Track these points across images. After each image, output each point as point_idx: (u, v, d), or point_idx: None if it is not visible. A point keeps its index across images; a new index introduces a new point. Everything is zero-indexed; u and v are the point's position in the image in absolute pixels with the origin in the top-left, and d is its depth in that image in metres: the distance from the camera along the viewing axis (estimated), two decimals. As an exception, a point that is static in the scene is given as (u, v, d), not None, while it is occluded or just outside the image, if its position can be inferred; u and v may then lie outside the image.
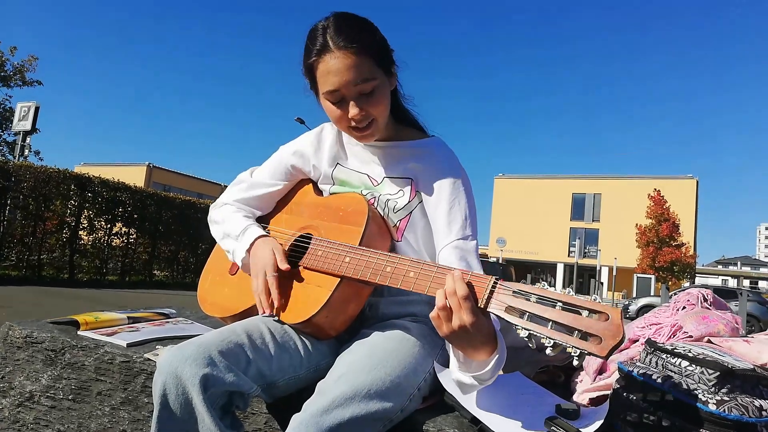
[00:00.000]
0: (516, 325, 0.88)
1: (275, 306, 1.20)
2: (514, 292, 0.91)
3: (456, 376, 1.06)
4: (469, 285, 0.96)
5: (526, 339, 0.87)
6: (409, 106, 1.38)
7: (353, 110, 1.18)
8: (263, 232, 1.34)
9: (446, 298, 0.96)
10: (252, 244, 1.30)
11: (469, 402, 1.10)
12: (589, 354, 0.81)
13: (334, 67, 1.15)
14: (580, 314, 0.84)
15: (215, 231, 1.45)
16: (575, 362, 0.83)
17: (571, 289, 0.90)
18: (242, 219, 1.39)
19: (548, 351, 0.84)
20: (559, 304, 0.86)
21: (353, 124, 1.21)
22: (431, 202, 1.27)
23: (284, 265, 1.21)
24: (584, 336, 0.82)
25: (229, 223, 1.39)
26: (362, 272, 1.12)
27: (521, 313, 0.88)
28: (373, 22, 1.24)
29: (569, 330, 0.83)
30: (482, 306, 0.94)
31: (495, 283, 0.94)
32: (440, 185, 1.27)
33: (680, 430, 0.93)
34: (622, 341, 0.80)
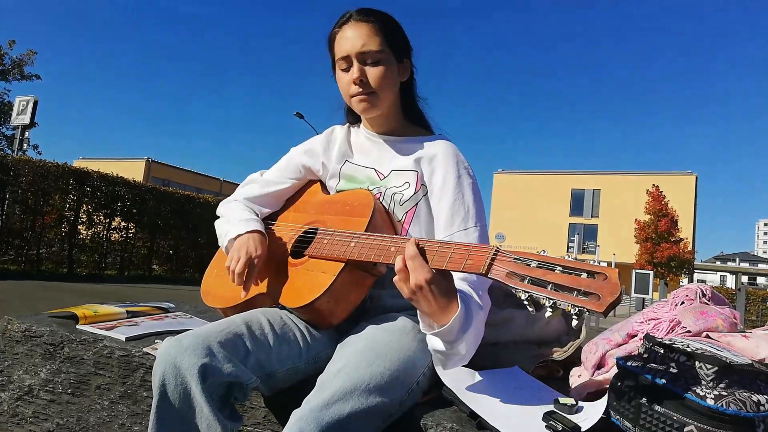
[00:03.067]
0: (516, 288, 0.89)
1: (248, 289, 1.26)
2: (515, 258, 0.93)
3: (430, 344, 1.08)
4: (421, 249, 1.01)
5: (526, 302, 0.88)
6: (422, 106, 1.45)
7: (356, 72, 1.27)
8: (263, 230, 1.37)
9: (404, 261, 1.01)
10: (248, 233, 1.33)
11: (467, 396, 1.10)
12: (588, 311, 0.82)
13: (348, 34, 1.29)
14: (579, 276, 0.86)
15: (218, 222, 1.48)
16: (574, 322, 0.84)
17: (570, 255, 0.91)
18: (248, 213, 1.44)
19: (548, 313, 0.85)
20: (559, 267, 0.88)
21: (355, 88, 1.29)
22: (435, 195, 1.30)
23: (254, 274, 1.26)
24: (583, 294, 0.83)
25: (234, 213, 1.44)
26: (366, 254, 1.14)
27: (522, 278, 0.90)
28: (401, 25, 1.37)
29: (568, 290, 0.85)
30: (484, 272, 0.95)
31: (496, 251, 0.96)
32: (444, 178, 1.30)
33: (678, 424, 0.94)
34: (619, 299, 0.82)
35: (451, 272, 1.02)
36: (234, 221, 1.38)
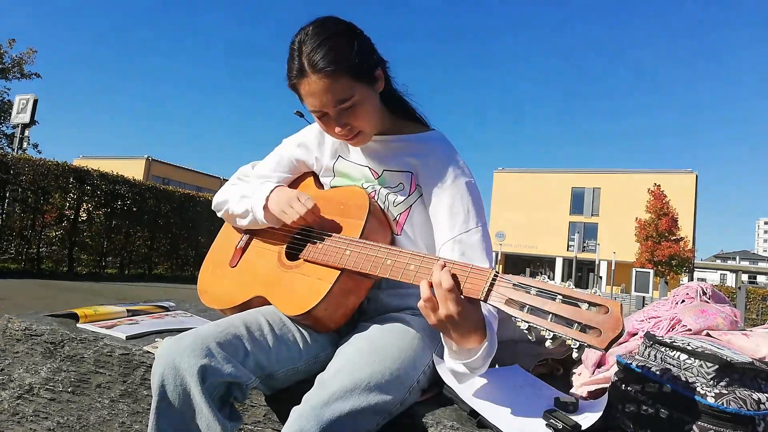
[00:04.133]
0: (516, 318, 0.89)
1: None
2: (514, 284, 0.92)
3: (449, 365, 1.07)
4: (454, 277, 0.98)
5: (526, 331, 0.87)
6: (406, 97, 1.38)
7: (337, 128, 1.22)
8: (282, 184, 1.36)
9: (430, 289, 0.98)
10: (272, 191, 1.32)
11: (467, 395, 1.10)
12: (589, 346, 0.81)
13: (312, 90, 1.17)
14: (580, 307, 0.84)
15: (227, 208, 1.44)
16: (575, 354, 0.84)
17: (570, 283, 0.90)
18: (256, 184, 1.41)
19: (548, 343, 0.85)
20: (559, 296, 0.87)
21: (339, 134, 1.24)
22: (432, 196, 1.27)
23: (313, 203, 1.25)
24: (584, 328, 0.82)
25: (243, 189, 1.41)
26: (362, 265, 1.12)
27: (521, 306, 0.89)
28: (355, 26, 1.22)
29: (569, 322, 0.84)
30: (482, 299, 0.95)
31: (495, 275, 0.95)
32: (441, 180, 1.26)
33: (679, 422, 0.94)
34: (621, 334, 0.80)
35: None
36: (249, 194, 1.36)
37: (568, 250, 38.23)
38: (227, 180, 1.54)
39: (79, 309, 1.59)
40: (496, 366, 1.30)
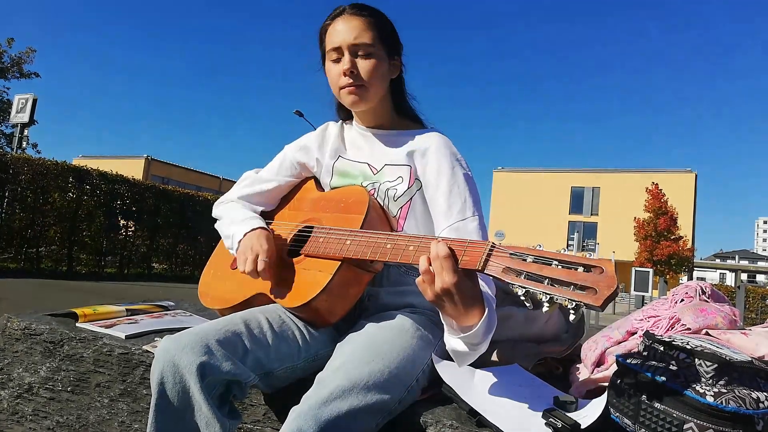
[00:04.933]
0: (513, 284, 0.89)
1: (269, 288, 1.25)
2: (511, 254, 0.93)
3: (449, 344, 1.07)
4: (450, 249, 0.98)
5: (523, 297, 0.88)
6: (413, 103, 1.44)
7: (346, 64, 1.27)
8: (265, 225, 1.36)
9: (429, 262, 0.98)
10: (253, 230, 1.32)
11: (467, 393, 1.10)
12: (586, 305, 0.82)
13: (340, 26, 1.29)
14: (576, 270, 0.85)
15: (219, 224, 1.48)
16: (572, 317, 0.84)
17: (572, 249, 0.91)
18: (247, 211, 1.43)
19: (545, 308, 0.85)
20: (555, 261, 0.88)
21: (345, 79, 1.28)
22: (430, 187, 1.29)
23: (264, 267, 1.23)
24: (580, 288, 0.83)
25: (234, 213, 1.43)
26: (363, 251, 1.13)
27: (518, 273, 0.90)
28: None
29: (565, 284, 0.85)
30: (480, 268, 0.95)
31: (492, 246, 0.96)
32: (439, 170, 1.29)
33: (678, 421, 0.94)
34: (616, 292, 0.81)
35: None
36: (237, 221, 1.37)
37: (567, 249, 38.13)
38: (227, 180, 1.58)
39: (79, 308, 1.59)
40: (495, 364, 1.30)
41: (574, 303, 0.82)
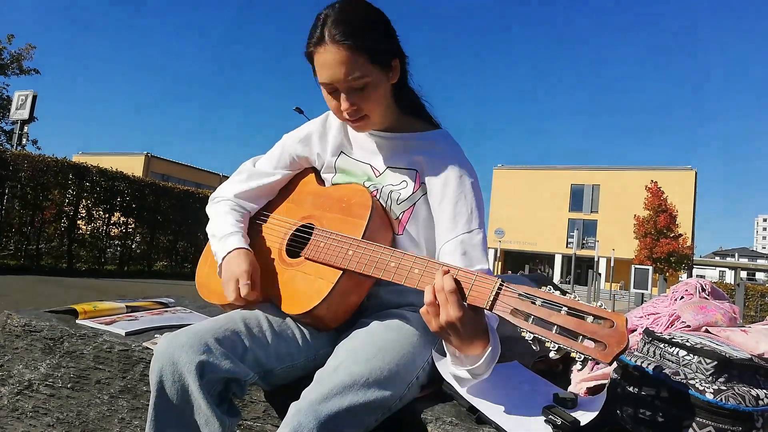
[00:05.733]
0: (521, 329, 0.89)
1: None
2: (519, 294, 0.92)
3: (451, 371, 1.07)
4: (456, 282, 0.97)
5: (531, 342, 0.88)
6: (419, 97, 1.37)
7: (344, 104, 1.19)
8: (243, 245, 1.30)
9: (434, 295, 0.98)
10: (229, 253, 1.27)
11: (466, 390, 1.10)
12: (593, 360, 0.82)
13: (327, 61, 1.16)
14: (585, 320, 0.85)
15: (208, 229, 1.43)
16: (578, 366, 0.84)
17: (576, 295, 0.90)
18: (229, 224, 1.36)
19: (552, 354, 0.85)
20: (565, 308, 0.87)
21: (345, 115, 1.22)
22: (436, 195, 1.26)
23: (247, 291, 1.19)
24: (588, 342, 0.83)
25: (219, 221, 1.38)
26: (365, 266, 1.12)
27: (526, 317, 0.89)
28: (383, 13, 1.23)
29: (574, 335, 0.84)
30: (488, 308, 0.95)
31: (501, 285, 0.95)
32: (446, 179, 1.25)
33: (677, 418, 0.94)
34: (626, 348, 0.81)
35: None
36: (218, 236, 1.34)
37: (567, 246, 38.27)
38: (226, 177, 1.54)
39: (79, 305, 1.59)
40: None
41: (582, 357, 0.83)
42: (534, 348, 0.89)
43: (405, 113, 1.35)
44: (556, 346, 0.85)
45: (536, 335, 0.87)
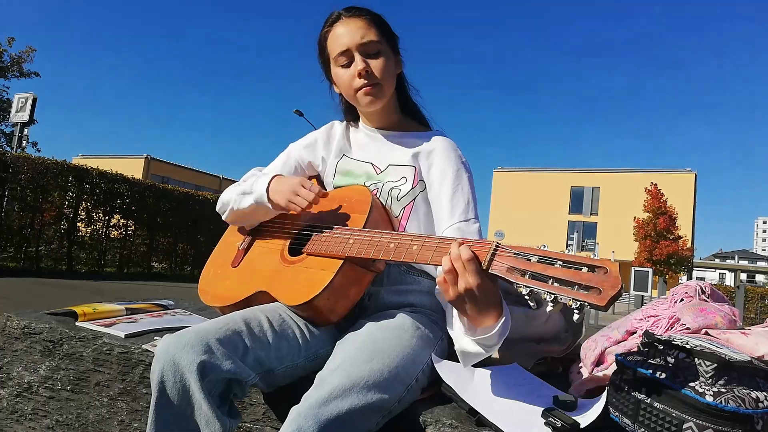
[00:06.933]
0: (517, 284, 0.89)
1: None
2: (515, 253, 0.94)
3: (461, 345, 1.07)
4: (473, 252, 0.98)
5: (527, 297, 0.88)
6: (416, 99, 1.44)
7: (360, 65, 1.27)
8: (278, 173, 1.36)
9: (452, 263, 0.98)
10: (270, 182, 1.31)
11: (466, 393, 1.10)
12: (590, 305, 0.82)
13: (343, 30, 1.28)
14: (580, 270, 0.86)
15: (229, 193, 1.44)
16: (575, 316, 0.84)
17: (571, 249, 0.91)
18: (255, 176, 1.40)
19: (549, 307, 0.86)
20: (559, 262, 0.88)
21: (360, 81, 1.27)
22: (434, 187, 1.30)
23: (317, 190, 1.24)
24: (584, 288, 0.83)
25: (242, 185, 1.41)
26: (366, 251, 1.13)
27: (522, 273, 0.90)
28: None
29: (569, 284, 0.85)
30: (484, 268, 0.95)
31: (497, 246, 0.97)
32: (443, 171, 1.30)
33: (677, 421, 0.94)
34: (620, 292, 0.81)
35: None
36: (249, 188, 1.36)
37: (567, 248, 38.17)
38: (226, 179, 1.57)
39: (78, 307, 1.59)
40: (495, 363, 1.30)
41: (578, 303, 0.83)
42: (531, 305, 0.89)
43: (404, 112, 1.42)
44: (553, 297, 0.85)
45: (533, 288, 0.87)
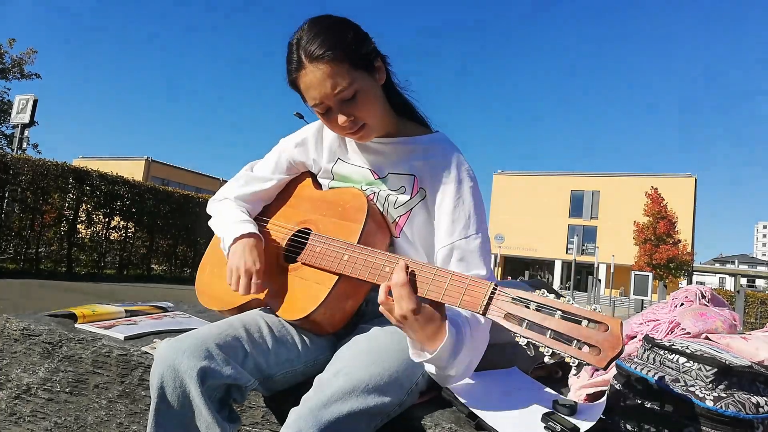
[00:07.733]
0: (515, 333, 0.89)
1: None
2: (513, 298, 0.92)
3: (426, 368, 1.09)
4: (412, 274, 1.00)
5: (525, 347, 0.87)
6: (407, 94, 1.35)
7: (340, 118, 1.17)
8: (256, 231, 1.32)
9: (387, 292, 1.00)
10: (242, 236, 1.28)
11: (466, 397, 1.10)
12: (588, 365, 0.81)
13: (311, 82, 1.14)
14: (580, 324, 0.84)
15: (212, 222, 1.45)
16: (573, 371, 0.84)
17: (570, 298, 0.90)
18: (241, 213, 1.40)
19: (546, 359, 0.85)
20: (559, 312, 0.86)
21: (345, 129, 1.21)
22: (435, 200, 1.25)
23: (257, 290, 1.23)
24: (583, 346, 0.82)
25: (228, 213, 1.40)
26: (360, 271, 1.12)
27: (520, 321, 0.89)
28: (350, 20, 1.21)
29: (568, 339, 0.84)
30: (481, 312, 0.94)
31: (494, 289, 0.95)
32: (445, 183, 1.25)
33: (677, 425, 0.93)
34: (620, 353, 0.80)
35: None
36: (229, 222, 1.35)
37: (567, 253, 38.22)
38: (227, 181, 1.54)
39: (78, 309, 1.59)
40: (495, 367, 1.30)
41: (576, 361, 0.82)
42: (528, 353, 0.88)
43: (400, 115, 1.35)
44: (551, 351, 0.84)
45: (530, 340, 0.86)
